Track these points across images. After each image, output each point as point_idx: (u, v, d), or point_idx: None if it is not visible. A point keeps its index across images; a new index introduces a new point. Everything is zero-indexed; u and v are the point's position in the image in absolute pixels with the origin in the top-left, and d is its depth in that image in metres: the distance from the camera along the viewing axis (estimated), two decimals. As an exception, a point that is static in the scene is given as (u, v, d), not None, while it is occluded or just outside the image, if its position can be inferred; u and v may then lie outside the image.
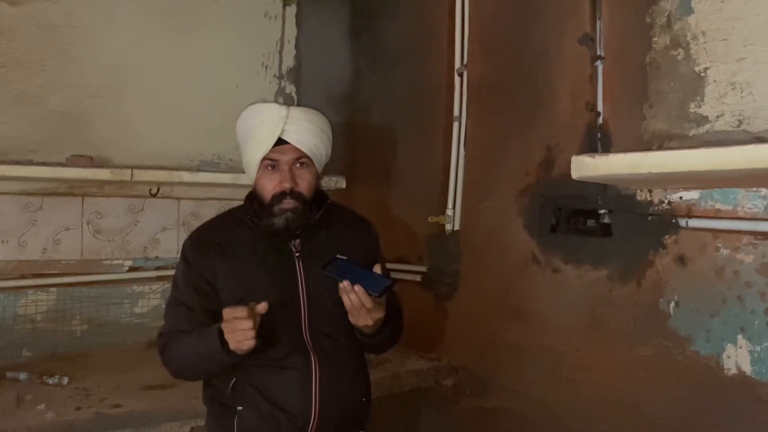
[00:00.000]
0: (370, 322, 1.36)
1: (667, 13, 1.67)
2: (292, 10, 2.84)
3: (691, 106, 1.62)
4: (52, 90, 2.23)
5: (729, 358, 1.54)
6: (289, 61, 2.84)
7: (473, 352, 2.27)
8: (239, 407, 1.41)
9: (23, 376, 1.95)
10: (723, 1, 1.54)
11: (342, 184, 2.72)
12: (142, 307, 2.47)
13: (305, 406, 1.40)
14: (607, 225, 1.84)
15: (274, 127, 1.43)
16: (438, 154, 2.47)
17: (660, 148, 1.66)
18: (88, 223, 2.36)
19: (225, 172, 2.46)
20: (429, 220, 2.42)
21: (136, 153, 2.39)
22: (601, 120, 1.86)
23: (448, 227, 2.37)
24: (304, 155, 1.47)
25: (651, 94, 1.72)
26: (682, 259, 1.65)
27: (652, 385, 1.70)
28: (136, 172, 2.22)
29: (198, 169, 2.52)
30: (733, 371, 1.53)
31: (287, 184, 1.44)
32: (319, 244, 1.50)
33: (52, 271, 2.28)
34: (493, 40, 2.28)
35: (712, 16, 1.56)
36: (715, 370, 1.56)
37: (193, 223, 2.47)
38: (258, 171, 1.47)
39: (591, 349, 1.86)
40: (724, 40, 1.54)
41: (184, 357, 1.42)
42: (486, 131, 2.29)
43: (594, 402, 1.84)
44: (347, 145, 2.93)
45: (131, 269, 2.46)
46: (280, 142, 1.44)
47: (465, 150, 2.35)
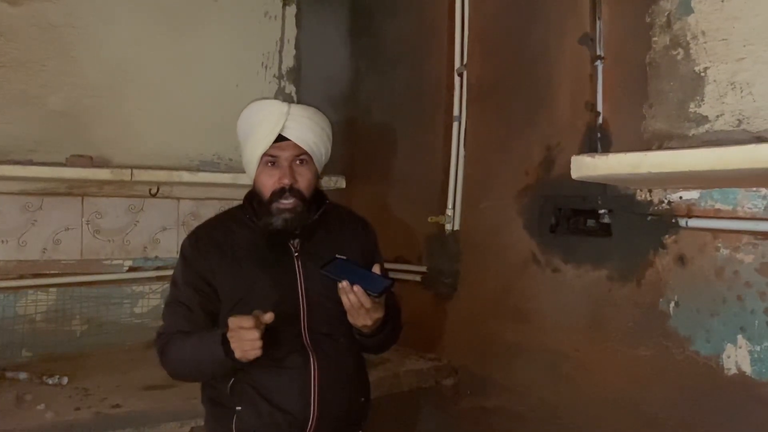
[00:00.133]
0: (369, 322, 1.35)
1: (666, 13, 1.67)
2: (291, 10, 2.85)
3: (691, 105, 1.61)
4: (52, 90, 2.24)
5: (729, 358, 1.54)
6: (288, 61, 2.84)
7: (473, 352, 2.27)
8: (238, 407, 1.41)
9: (23, 376, 1.96)
10: (723, 1, 1.54)
11: (342, 183, 2.72)
12: (142, 307, 2.47)
13: (304, 406, 1.39)
14: (607, 225, 1.84)
15: (275, 124, 1.43)
16: (438, 153, 2.47)
17: (660, 148, 1.66)
18: (88, 223, 2.37)
19: (225, 172, 2.47)
20: (429, 220, 2.42)
21: (136, 153, 2.39)
22: (600, 120, 1.85)
23: (448, 227, 2.37)
24: (304, 152, 1.47)
25: (651, 94, 1.72)
26: (681, 259, 1.65)
27: (652, 385, 1.70)
28: (135, 172, 2.22)
29: (198, 169, 2.52)
30: (733, 371, 1.53)
31: (287, 180, 1.44)
32: (319, 244, 1.50)
33: (51, 271, 2.29)
34: (493, 39, 2.28)
35: (712, 15, 1.56)
36: (715, 370, 1.56)
37: (193, 223, 2.46)
38: (258, 168, 1.48)
39: (591, 349, 1.86)
40: (724, 39, 1.54)
41: (185, 360, 1.41)
42: (486, 131, 2.28)
43: (594, 402, 1.84)
44: (347, 145, 2.93)
45: (131, 269, 2.46)
46: (281, 139, 1.44)
47: (465, 150, 2.35)
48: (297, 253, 1.49)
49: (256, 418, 1.40)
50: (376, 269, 1.36)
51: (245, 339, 1.26)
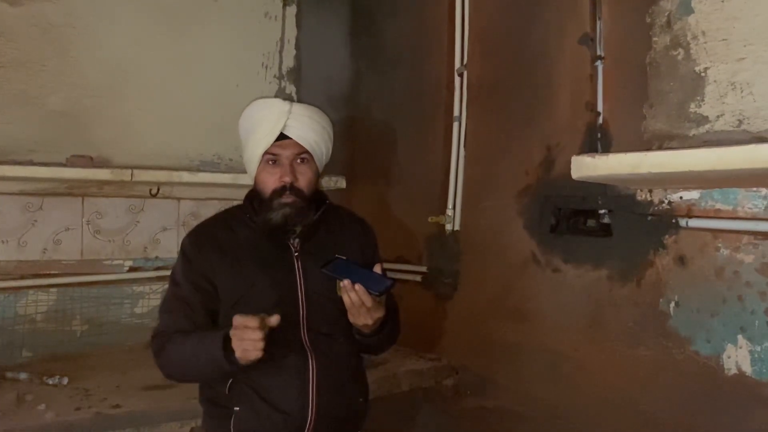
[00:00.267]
0: (369, 321, 1.36)
1: (667, 13, 1.67)
2: (292, 11, 2.84)
3: (692, 106, 1.61)
4: (52, 90, 2.23)
5: (729, 358, 1.54)
6: (289, 62, 2.84)
7: (473, 352, 2.27)
8: (236, 408, 1.40)
9: (23, 376, 1.96)
10: (723, 1, 1.54)
11: (342, 183, 2.72)
12: (143, 307, 2.47)
13: (302, 406, 1.39)
14: (607, 225, 1.84)
15: (276, 122, 1.44)
16: (438, 154, 2.47)
17: (660, 148, 1.66)
18: (88, 223, 2.36)
19: (225, 173, 2.46)
20: (429, 220, 2.42)
21: (136, 153, 2.39)
22: (601, 120, 1.86)
23: (448, 227, 2.37)
24: (305, 151, 1.47)
25: (651, 94, 1.72)
26: (682, 259, 1.65)
27: (652, 385, 1.70)
28: (136, 172, 2.22)
29: (198, 169, 2.52)
30: (734, 371, 1.53)
31: (287, 179, 1.44)
32: (318, 244, 1.50)
33: (52, 272, 2.28)
34: (493, 40, 2.28)
35: (712, 15, 1.56)
36: (716, 370, 1.56)
37: (193, 223, 2.42)
38: (259, 166, 1.48)
39: (591, 349, 1.86)
40: (724, 39, 1.54)
41: (183, 360, 1.40)
42: (486, 131, 2.29)
43: (594, 402, 1.84)
44: (347, 145, 2.93)
45: (131, 269, 2.46)
46: (282, 137, 1.44)
47: (465, 150, 2.35)
48: (297, 253, 1.49)
49: (254, 419, 1.39)
50: (378, 269, 1.37)
51: (248, 338, 1.26)
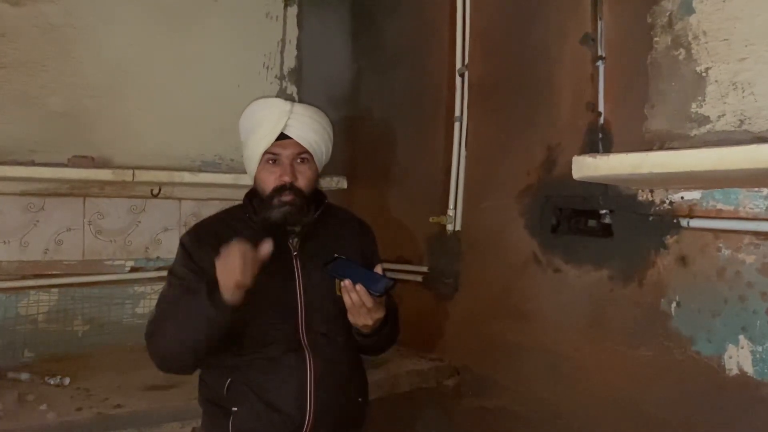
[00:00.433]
0: (369, 321, 1.35)
1: (668, 13, 1.67)
2: (293, 11, 2.84)
3: (693, 106, 1.61)
4: (53, 90, 2.24)
5: (731, 358, 1.54)
6: (290, 62, 2.84)
7: (474, 352, 2.27)
8: (234, 408, 1.40)
9: (25, 376, 1.96)
10: (724, 1, 1.54)
11: (343, 184, 2.72)
12: (144, 307, 2.46)
13: (300, 406, 1.39)
14: (608, 225, 1.84)
15: (277, 121, 1.44)
16: (439, 154, 2.47)
17: (661, 148, 1.66)
18: (90, 224, 2.37)
19: (226, 173, 2.47)
20: (430, 220, 2.42)
21: (138, 153, 2.39)
22: (602, 120, 1.85)
23: (449, 227, 2.37)
24: (305, 151, 1.48)
25: (652, 94, 1.72)
26: (683, 260, 1.65)
27: (653, 386, 1.69)
28: (137, 172, 2.22)
29: (199, 169, 2.52)
30: (735, 371, 1.53)
31: (287, 178, 1.44)
32: (318, 244, 1.50)
33: (53, 272, 2.29)
34: (494, 40, 2.28)
35: (714, 15, 1.56)
36: (717, 371, 1.56)
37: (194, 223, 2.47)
38: (259, 165, 1.48)
39: (592, 350, 1.86)
40: (725, 39, 1.54)
41: (176, 327, 1.36)
42: (487, 131, 2.28)
43: (595, 402, 1.83)
44: (348, 146, 2.93)
45: (133, 270, 2.46)
46: (283, 137, 1.45)
47: (466, 150, 2.35)
48: (296, 253, 1.49)
49: (252, 419, 1.39)
50: (378, 269, 1.37)
51: (230, 263, 1.26)
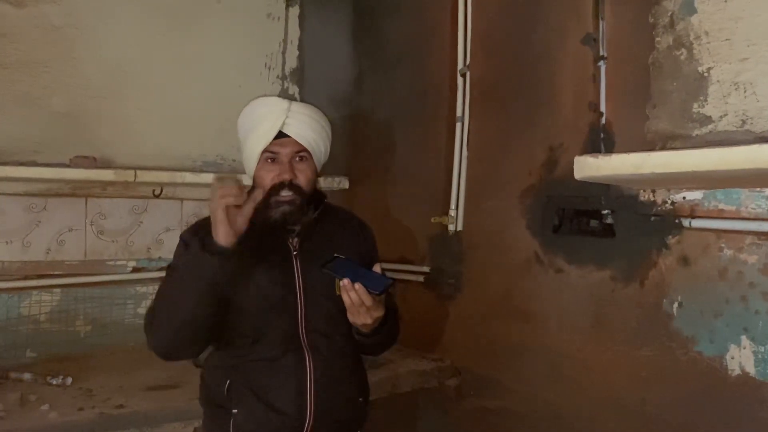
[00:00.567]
0: (369, 320, 1.35)
1: (670, 13, 1.67)
2: (295, 11, 2.84)
3: (695, 106, 1.61)
4: (54, 91, 2.24)
5: (733, 358, 1.54)
6: (292, 62, 2.84)
7: (476, 352, 2.27)
8: (234, 410, 1.40)
9: (27, 376, 1.96)
10: (726, 1, 1.53)
11: (345, 184, 2.72)
12: (146, 307, 2.45)
13: (300, 406, 1.39)
14: (610, 225, 1.84)
15: (275, 120, 1.44)
16: (441, 154, 2.47)
17: (663, 149, 1.66)
18: (92, 224, 2.37)
19: (228, 173, 2.47)
20: (432, 220, 2.42)
21: (139, 154, 2.39)
22: (603, 120, 1.85)
23: (451, 228, 2.37)
24: (303, 149, 1.47)
25: (654, 94, 1.71)
26: (685, 260, 1.65)
27: (655, 386, 1.69)
28: (139, 173, 2.22)
29: (201, 169, 2.53)
30: (737, 372, 1.53)
31: (287, 176, 1.44)
32: (317, 243, 1.50)
33: (55, 272, 2.29)
34: (495, 40, 2.28)
35: (715, 15, 1.56)
36: (719, 371, 1.56)
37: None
38: (258, 164, 1.48)
39: (594, 350, 1.86)
40: (727, 39, 1.54)
41: (174, 297, 1.34)
42: (489, 131, 2.28)
43: (597, 402, 1.83)
44: (350, 146, 2.93)
45: (135, 270, 2.46)
46: (281, 136, 1.45)
47: (468, 150, 2.35)
48: (296, 252, 1.49)
49: (252, 421, 1.39)
50: (377, 268, 1.36)
51: (221, 191, 1.27)
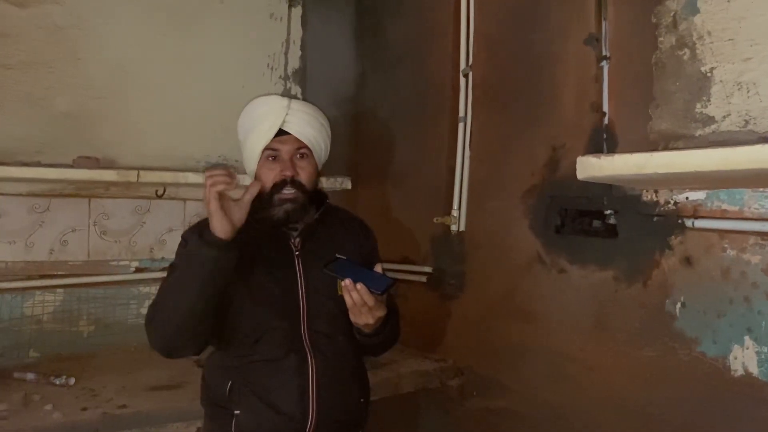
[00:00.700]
0: (371, 320, 1.35)
1: (672, 13, 1.67)
2: (297, 12, 2.84)
3: (698, 106, 1.61)
4: (58, 92, 2.24)
5: (736, 359, 1.53)
6: (294, 62, 2.84)
7: (478, 352, 2.27)
8: (236, 411, 1.40)
9: (30, 376, 1.97)
10: (729, 1, 1.53)
11: (347, 184, 2.72)
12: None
13: (303, 407, 1.39)
14: (613, 225, 1.84)
15: (275, 118, 1.45)
16: (443, 154, 2.47)
17: (666, 149, 1.66)
18: (95, 224, 2.37)
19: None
20: (434, 220, 2.42)
21: (142, 154, 2.40)
22: (606, 120, 1.85)
23: (454, 228, 2.37)
24: (304, 146, 1.48)
25: (657, 95, 1.71)
26: (688, 260, 1.65)
27: (658, 386, 1.69)
28: (142, 173, 2.22)
29: (204, 170, 2.52)
30: (740, 372, 1.52)
31: (288, 173, 1.44)
32: (319, 244, 1.50)
33: (59, 272, 2.29)
34: (498, 40, 2.28)
35: (718, 15, 1.56)
36: (722, 371, 1.55)
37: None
38: (259, 162, 1.48)
39: (596, 350, 1.86)
40: (730, 39, 1.53)
41: (174, 290, 1.34)
42: (491, 132, 2.28)
43: (599, 403, 1.83)
44: (353, 146, 2.93)
45: (138, 270, 2.46)
46: (282, 133, 1.45)
47: (470, 150, 2.35)
48: (297, 252, 1.49)
49: (254, 422, 1.39)
50: (378, 268, 1.37)
51: (209, 180, 1.28)
